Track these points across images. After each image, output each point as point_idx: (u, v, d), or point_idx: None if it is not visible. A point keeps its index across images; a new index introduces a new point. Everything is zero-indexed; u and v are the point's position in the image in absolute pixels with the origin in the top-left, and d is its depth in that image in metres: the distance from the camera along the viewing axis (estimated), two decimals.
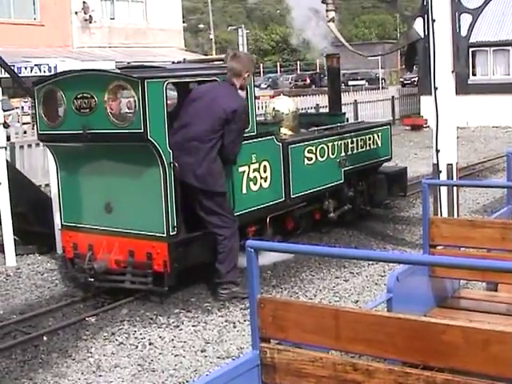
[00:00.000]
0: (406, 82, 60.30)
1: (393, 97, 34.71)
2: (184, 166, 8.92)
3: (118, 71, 9.22)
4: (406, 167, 14.46)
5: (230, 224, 9.23)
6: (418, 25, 10.84)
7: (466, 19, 10.37)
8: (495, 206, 13.32)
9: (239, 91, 9.40)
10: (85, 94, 8.99)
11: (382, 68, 66.62)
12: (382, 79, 65.64)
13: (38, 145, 17.18)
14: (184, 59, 11.30)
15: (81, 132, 9.04)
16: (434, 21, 10.21)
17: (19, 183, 12.00)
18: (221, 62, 10.66)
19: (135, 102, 8.55)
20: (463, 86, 23.46)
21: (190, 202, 9.19)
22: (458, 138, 11.26)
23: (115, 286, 9.25)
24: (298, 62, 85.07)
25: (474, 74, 32.06)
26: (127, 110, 9.14)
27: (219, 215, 9.16)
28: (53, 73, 21.65)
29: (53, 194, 11.15)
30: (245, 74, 9.33)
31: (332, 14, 11.12)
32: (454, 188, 10.49)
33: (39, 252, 11.81)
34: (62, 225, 9.98)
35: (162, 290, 8.98)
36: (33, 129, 18.89)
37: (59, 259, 11.09)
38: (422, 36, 10.56)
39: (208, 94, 9.20)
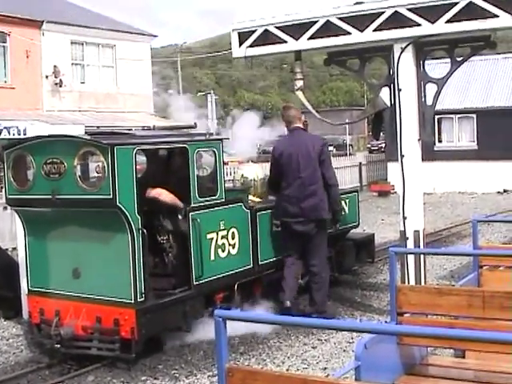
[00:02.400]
0: (373, 148, 61.04)
1: (360, 163, 35.03)
2: (309, 208, 10.59)
3: (88, 137, 9.27)
4: (374, 233, 14.56)
5: (325, 256, 11.03)
6: (385, 93, 11.02)
7: (431, 88, 10.57)
8: (462, 272, 13.41)
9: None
10: (54, 160, 9.02)
11: (349, 134, 67.40)
12: (349, 145, 66.30)
13: (5, 208, 17.09)
14: (154, 126, 11.38)
15: (50, 197, 9.05)
16: (400, 90, 10.40)
17: None
18: (190, 129, 10.79)
19: (104, 167, 8.59)
20: (429, 153, 23.81)
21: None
22: (424, 203, 11.38)
23: (82, 353, 9.16)
24: None
25: (439, 141, 32.51)
26: (96, 175, 9.17)
27: (325, 245, 10.98)
28: (22, 136, 21.64)
29: (20, 258, 11.08)
30: (301, 116, 11.05)
31: (300, 83, 11.28)
32: (422, 255, 10.56)
33: (5, 317, 11.68)
34: (28, 290, 9.91)
35: (130, 356, 8.91)
36: (0, 192, 18.80)
37: (25, 324, 10.97)
38: (389, 104, 10.73)
39: (294, 146, 10.74)
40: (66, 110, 35.49)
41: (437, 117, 29.58)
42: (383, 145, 46.53)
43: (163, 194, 9.94)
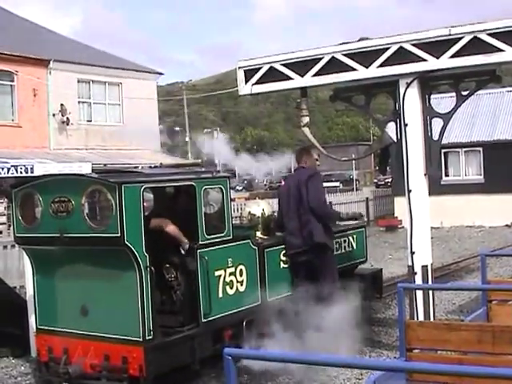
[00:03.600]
0: (379, 182, 61.08)
1: (367, 198, 35.04)
2: (306, 236, 10.94)
3: (95, 176, 9.30)
4: (382, 269, 14.50)
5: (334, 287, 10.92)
6: (391, 128, 11.06)
7: (437, 123, 10.59)
8: (471, 306, 13.35)
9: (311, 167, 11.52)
10: (62, 198, 9.05)
11: (356, 169, 67.43)
12: (356, 180, 66.34)
13: (13, 246, 17.13)
14: (161, 164, 11.43)
15: (58, 235, 9.07)
16: (406, 125, 10.42)
17: None
18: (197, 167, 10.83)
19: (112, 206, 8.61)
20: (436, 187, 23.78)
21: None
22: (432, 238, 11.36)
23: None
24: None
25: (446, 175, 32.51)
26: (104, 214, 9.19)
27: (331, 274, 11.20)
28: (30, 174, 21.69)
29: (28, 296, 11.08)
30: (306, 157, 11.50)
31: (306, 120, 11.31)
32: (430, 290, 10.52)
33: (13, 355, 11.66)
34: (37, 328, 9.90)
35: None
36: (8, 229, 18.86)
37: (33, 362, 10.93)
38: (395, 139, 10.74)
39: (291, 182, 11.41)
40: (73, 148, 35.63)
41: (443, 151, 29.62)
42: (390, 179, 46.51)
43: (168, 225, 9.95)
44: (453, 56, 9.88)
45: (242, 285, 10.24)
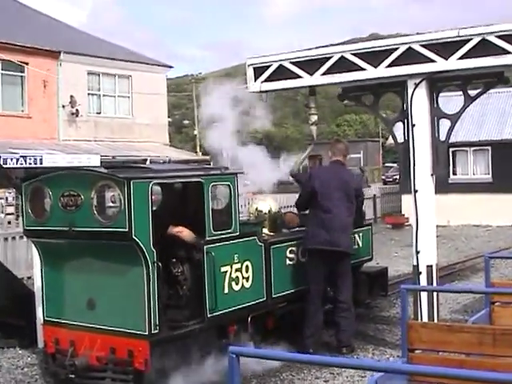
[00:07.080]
0: (387, 179, 61.06)
1: (374, 195, 35.00)
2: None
3: (105, 170, 9.38)
4: (387, 267, 14.55)
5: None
6: (399, 127, 11.12)
7: (445, 123, 10.65)
8: (475, 306, 13.41)
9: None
10: (71, 192, 9.13)
11: (364, 165, 67.38)
12: None
13: (21, 237, 17.22)
14: (169, 159, 11.50)
15: (66, 229, 9.15)
16: (413, 125, 10.48)
17: (1, 275, 12.02)
18: (205, 163, 10.90)
19: (120, 201, 8.69)
20: (444, 185, 23.79)
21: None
22: (438, 236, 11.43)
23: (96, 383, 9.21)
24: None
25: (454, 173, 32.50)
26: (112, 207, 9.28)
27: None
28: (38, 165, 21.82)
29: (36, 287, 11.17)
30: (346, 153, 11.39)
31: (314, 118, 11.41)
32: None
33: (20, 346, 11.75)
34: (44, 319, 9.98)
35: None
36: (17, 219, 18.97)
37: (40, 354, 11.01)
38: (402, 140, 10.79)
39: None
40: (82, 140, 35.78)
41: (451, 149, 29.64)
42: (397, 176, 46.46)
43: (184, 232, 10.03)
44: (461, 57, 9.94)
45: (247, 281, 10.31)
